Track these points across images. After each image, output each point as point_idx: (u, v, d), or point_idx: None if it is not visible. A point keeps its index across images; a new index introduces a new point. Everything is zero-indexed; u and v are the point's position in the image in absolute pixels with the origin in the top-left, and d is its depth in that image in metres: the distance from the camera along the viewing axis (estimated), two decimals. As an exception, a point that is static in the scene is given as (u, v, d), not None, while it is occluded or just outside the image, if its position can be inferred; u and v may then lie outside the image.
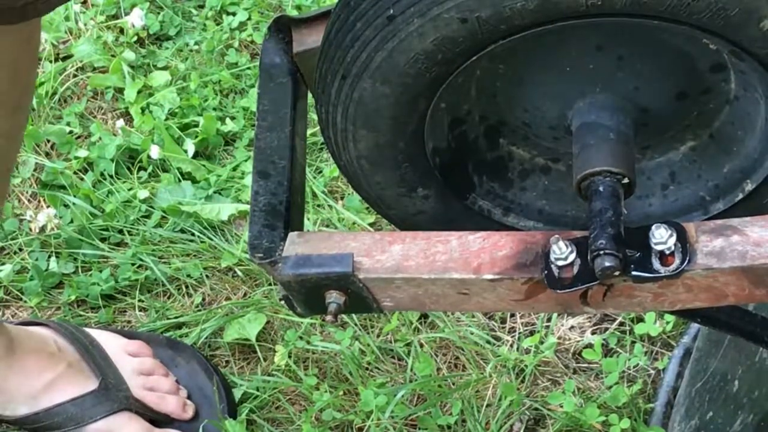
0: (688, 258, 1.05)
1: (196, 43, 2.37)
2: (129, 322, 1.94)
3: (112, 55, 2.32)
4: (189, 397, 1.81)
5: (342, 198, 2.10)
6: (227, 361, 1.90)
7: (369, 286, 1.12)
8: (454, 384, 1.87)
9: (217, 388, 1.80)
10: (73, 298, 1.96)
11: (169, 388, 1.79)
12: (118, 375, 1.76)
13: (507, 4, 1.00)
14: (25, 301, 1.99)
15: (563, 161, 1.23)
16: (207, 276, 2.00)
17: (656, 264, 1.06)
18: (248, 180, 2.09)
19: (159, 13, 2.40)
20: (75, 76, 2.31)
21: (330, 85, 1.11)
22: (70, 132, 2.20)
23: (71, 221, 2.06)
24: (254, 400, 1.86)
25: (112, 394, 1.74)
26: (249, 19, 2.39)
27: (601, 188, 1.09)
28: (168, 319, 1.95)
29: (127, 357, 1.80)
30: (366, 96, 1.10)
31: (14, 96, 1.40)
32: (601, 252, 1.04)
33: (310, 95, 1.26)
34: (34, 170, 2.14)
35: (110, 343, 1.81)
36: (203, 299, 1.98)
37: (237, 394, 1.86)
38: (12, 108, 1.41)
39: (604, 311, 1.32)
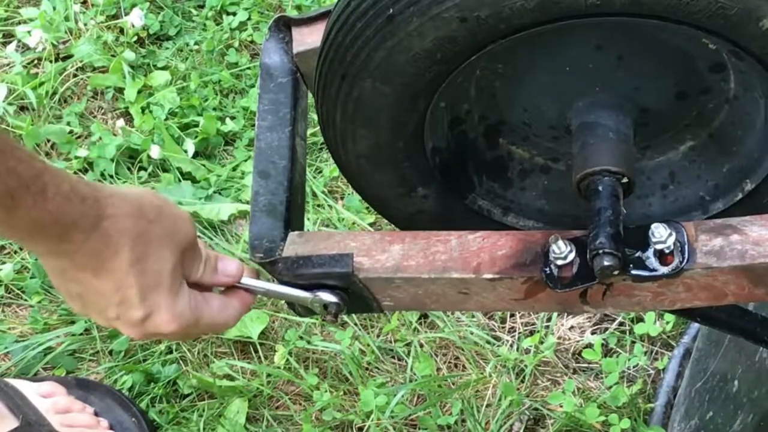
0: (687, 257, 1.05)
1: (196, 43, 2.37)
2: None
3: (112, 55, 2.32)
4: (111, 428, 1.79)
5: (342, 198, 2.10)
6: (231, 361, 1.90)
7: (369, 286, 1.13)
8: (454, 384, 1.87)
9: (136, 419, 1.79)
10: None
11: (87, 422, 1.77)
12: (38, 413, 1.74)
13: (506, 4, 1.00)
14: (26, 300, 1.99)
15: (563, 161, 1.23)
16: (207, 276, 2.00)
17: (656, 263, 1.06)
18: (248, 180, 2.09)
19: (159, 13, 2.40)
20: (75, 76, 2.31)
21: (330, 85, 1.11)
22: (71, 132, 2.20)
23: (71, 221, 2.06)
24: (255, 398, 1.86)
25: (35, 430, 1.72)
26: (249, 19, 2.39)
27: (600, 188, 1.09)
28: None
29: (40, 399, 1.77)
30: (366, 95, 1.10)
31: None
32: (601, 251, 1.04)
33: (310, 95, 1.26)
34: (35, 170, 2.14)
35: (21, 387, 1.78)
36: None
37: (237, 392, 1.86)
38: None
39: (604, 311, 1.32)
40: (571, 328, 1.93)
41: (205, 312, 1.10)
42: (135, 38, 2.36)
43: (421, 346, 1.90)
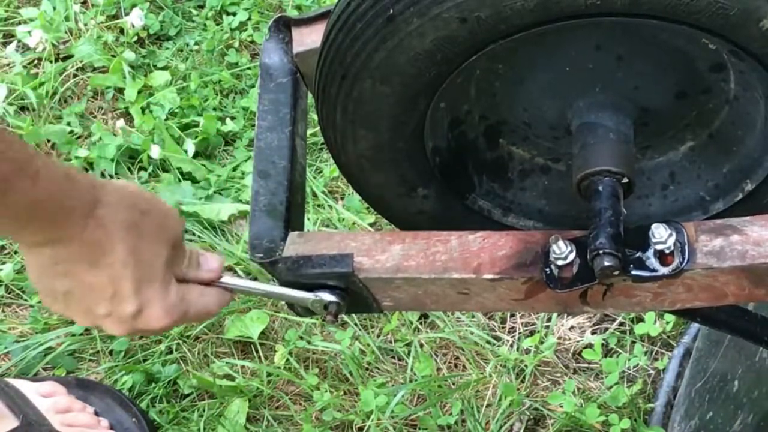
0: (687, 257, 1.05)
1: (196, 43, 2.37)
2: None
3: (113, 55, 2.32)
4: (112, 428, 1.79)
5: (342, 198, 2.10)
6: (231, 361, 1.90)
7: (369, 286, 1.12)
8: (454, 384, 1.87)
9: (137, 419, 1.79)
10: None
11: (88, 421, 1.76)
12: (38, 413, 1.73)
13: (506, 4, 1.00)
14: (26, 300, 1.99)
15: (563, 161, 1.23)
16: (207, 276, 2.00)
17: (656, 263, 1.06)
18: (248, 180, 2.09)
19: (159, 13, 2.40)
20: (75, 76, 2.31)
21: (330, 85, 1.11)
22: (71, 132, 2.20)
23: (71, 221, 2.06)
24: (255, 398, 1.86)
25: (35, 430, 1.72)
26: (249, 19, 2.39)
27: (600, 188, 1.09)
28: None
29: (40, 398, 1.76)
30: (366, 95, 1.10)
31: None
32: (601, 251, 1.04)
33: (310, 95, 1.26)
34: (35, 170, 2.14)
35: (21, 387, 1.78)
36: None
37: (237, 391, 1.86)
38: None
39: (604, 311, 1.32)
40: (571, 328, 1.93)
41: (190, 303, 1.09)
42: (135, 38, 2.36)
43: (422, 346, 1.90)
